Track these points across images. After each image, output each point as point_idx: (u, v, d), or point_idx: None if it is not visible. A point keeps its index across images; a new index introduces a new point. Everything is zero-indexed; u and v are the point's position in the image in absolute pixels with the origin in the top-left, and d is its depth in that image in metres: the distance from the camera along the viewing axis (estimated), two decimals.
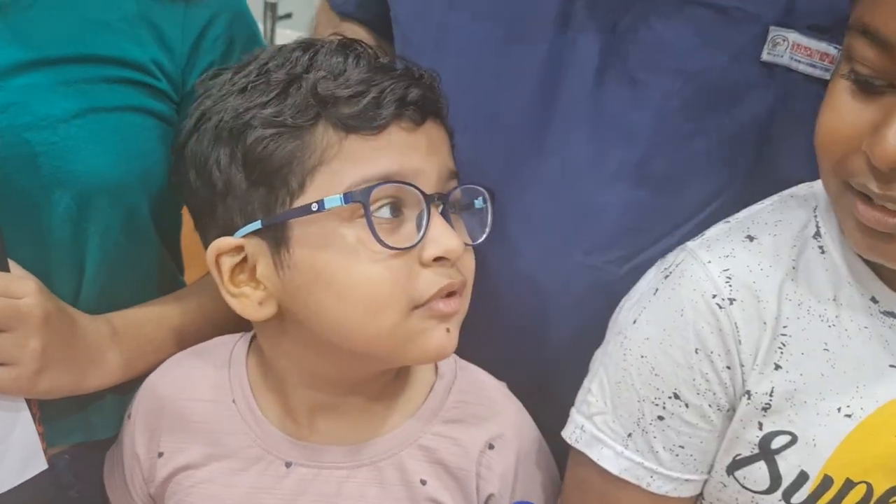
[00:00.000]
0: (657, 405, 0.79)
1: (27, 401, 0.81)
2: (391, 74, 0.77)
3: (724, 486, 0.79)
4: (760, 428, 0.77)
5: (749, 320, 0.76)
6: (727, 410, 0.78)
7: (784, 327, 0.76)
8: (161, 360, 0.90)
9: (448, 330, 0.77)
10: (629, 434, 0.80)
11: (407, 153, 0.75)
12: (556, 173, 0.90)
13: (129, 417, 0.88)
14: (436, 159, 0.77)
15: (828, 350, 0.76)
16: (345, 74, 0.76)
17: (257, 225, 0.76)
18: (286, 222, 0.75)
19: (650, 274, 0.85)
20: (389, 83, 0.75)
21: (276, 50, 0.80)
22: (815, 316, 0.76)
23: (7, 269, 0.79)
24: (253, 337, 0.87)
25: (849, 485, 0.74)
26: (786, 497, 0.76)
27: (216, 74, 0.81)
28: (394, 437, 0.82)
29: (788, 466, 0.76)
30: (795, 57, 0.86)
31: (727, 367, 0.77)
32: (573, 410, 0.84)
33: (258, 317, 0.78)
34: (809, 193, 0.82)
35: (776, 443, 0.76)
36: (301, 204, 0.74)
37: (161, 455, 0.84)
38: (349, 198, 0.73)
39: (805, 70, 0.86)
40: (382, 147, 0.75)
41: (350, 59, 0.77)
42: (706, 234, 0.83)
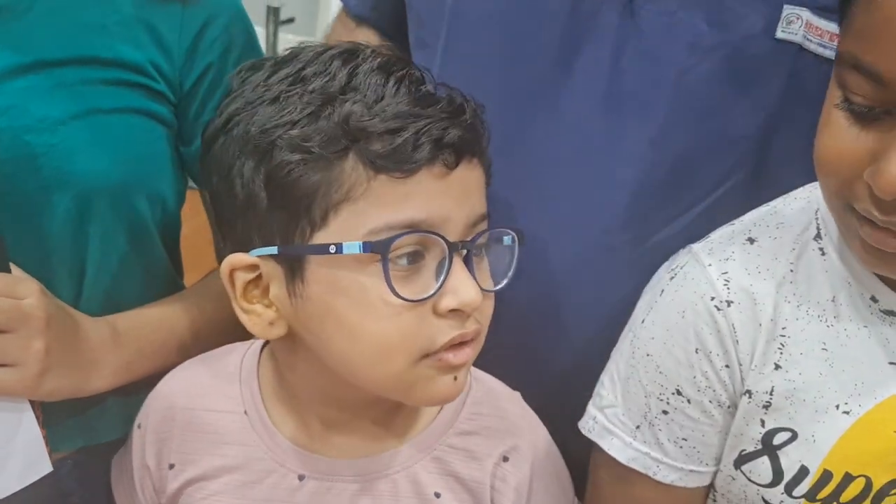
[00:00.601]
0: (662, 400, 0.82)
1: (31, 403, 0.80)
2: (431, 109, 0.72)
3: (733, 480, 0.82)
4: (763, 425, 0.79)
5: (746, 322, 0.78)
6: (728, 407, 0.80)
7: (783, 328, 0.78)
8: (163, 362, 0.90)
9: (455, 378, 0.75)
10: (637, 426, 0.83)
11: (437, 199, 0.71)
12: (572, 150, 0.90)
13: (139, 427, 0.86)
14: (466, 205, 0.73)
15: (826, 350, 0.77)
16: (381, 103, 0.71)
17: (273, 250, 0.73)
18: (303, 255, 0.72)
19: (660, 272, 0.86)
20: (426, 123, 0.71)
21: (317, 53, 0.75)
22: (814, 317, 0.77)
23: (8, 271, 0.78)
24: (263, 346, 0.86)
25: (848, 478, 0.76)
26: (787, 490, 0.78)
27: (253, 67, 0.77)
28: (407, 450, 0.81)
29: (789, 462, 0.78)
30: (808, 36, 0.84)
31: (726, 366, 0.79)
32: (589, 403, 0.87)
33: (267, 336, 0.77)
34: (812, 195, 0.82)
35: (777, 439, 0.78)
36: (321, 240, 0.71)
37: (172, 467, 0.83)
38: (368, 247, 0.70)
39: (816, 50, 0.85)
40: (411, 192, 0.70)
41: (391, 84, 0.72)
42: (710, 237, 0.84)
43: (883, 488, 0.76)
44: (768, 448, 0.78)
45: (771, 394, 0.78)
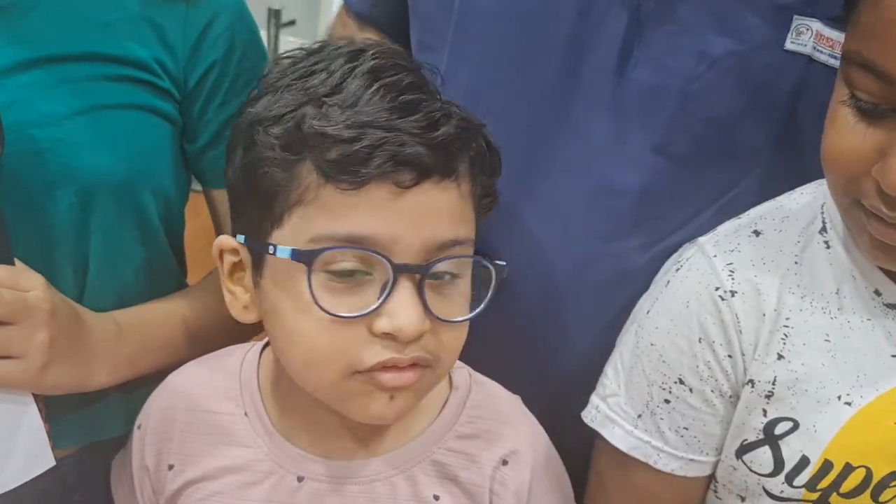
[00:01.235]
0: (664, 389, 0.82)
1: (34, 397, 0.79)
2: (400, 122, 0.68)
3: (734, 470, 0.82)
4: (765, 415, 0.79)
5: (749, 312, 0.78)
6: (729, 396, 0.81)
7: (786, 319, 0.78)
8: (166, 359, 0.89)
9: (392, 398, 0.72)
10: (639, 415, 0.84)
11: (384, 218, 0.68)
12: (577, 157, 0.90)
13: (139, 428, 0.86)
14: (425, 228, 0.69)
15: (829, 341, 0.77)
16: (354, 108, 0.69)
17: (241, 239, 0.75)
18: (256, 249, 0.73)
19: (667, 265, 0.87)
20: (386, 135, 0.68)
21: (334, 49, 0.74)
22: (818, 308, 0.78)
23: (13, 264, 0.78)
24: (263, 348, 0.86)
25: (848, 469, 0.77)
26: (788, 480, 0.79)
27: (293, 54, 0.76)
28: (406, 452, 0.80)
29: (790, 451, 0.78)
30: (818, 47, 0.84)
31: (728, 356, 0.79)
32: (593, 393, 0.88)
33: (242, 319, 0.78)
34: (819, 191, 0.82)
35: (779, 429, 0.79)
36: (275, 238, 0.71)
37: (171, 468, 0.83)
38: (296, 255, 0.69)
39: (826, 61, 0.85)
40: (358, 205, 0.68)
41: (372, 89, 0.70)
42: (717, 230, 0.84)
43: (883, 479, 0.77)
44: (770, 438, 0.79)
45: (773, 384, 0.78)
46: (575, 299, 0.92)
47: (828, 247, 0.79)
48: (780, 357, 0.78)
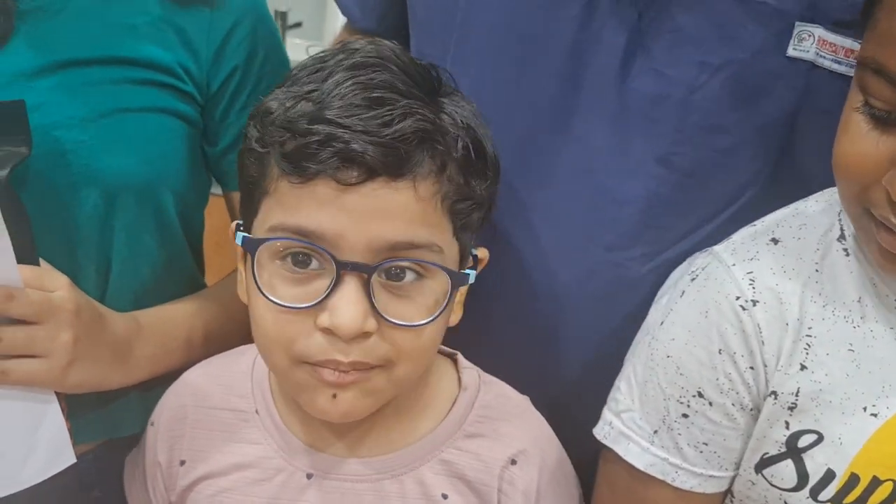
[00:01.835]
0: (682, 403, 0.80)
1: (56, 395, 0.81)
2: (355, 119, 0.68)
3: (753, 485, 0.80)
4: (787, 427, 0.77)
5: (771, 321, 0.77)
6: (750, 409, 0.79)
7: (809, 328, 0.77)
8: (186, 358, 0.91)
9: (335, 396, 0.72)
10: (655, 431, 0.81)
11: (329, 213, 0.69)
12: (578, 166, 0.89)
13: (153, 425, 0.87)
14: (372, 227, 0.69)
15: (853, 350, 0.76)
16: (320, 104, 0.70)
17: (233, 225, 0.78)
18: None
19: (675, 275, 0.85)
20: (335, 130, 0.68)
21: (340, 48, 0.76)
22: (840, 317, 0.76)
23: (37, 264, 0.79)
24: None
25: (875, 482, 0.75)
26: (813, 495, 0.76)
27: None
28: (416, 451, 0.81)
29: (815, 465, 0.76)
30: (821, 53, 0.84)
31: (750, 368, 0.77)
32: (605, 408, 0.85)
33: (242, 299, 0.79)
34: (834, 198, 0.81)
35: (803, 441, 0.77)
36: (253, 227, 0.74)
37: (183, 463, 0.84)
38: (244, 242, 0.73)
39: (830, 66, 0.84)
40: (305, 199, 0.69)
41: (345, 85, 0.70)
42: (732, 238, 0.83)
43: None
44: (793, 451, 0.77)
45: (797, 395, 0.76)
46: (576, 308, 0.91)
47: (847, 254, 0.78)
48: (803, 368, 0.76)
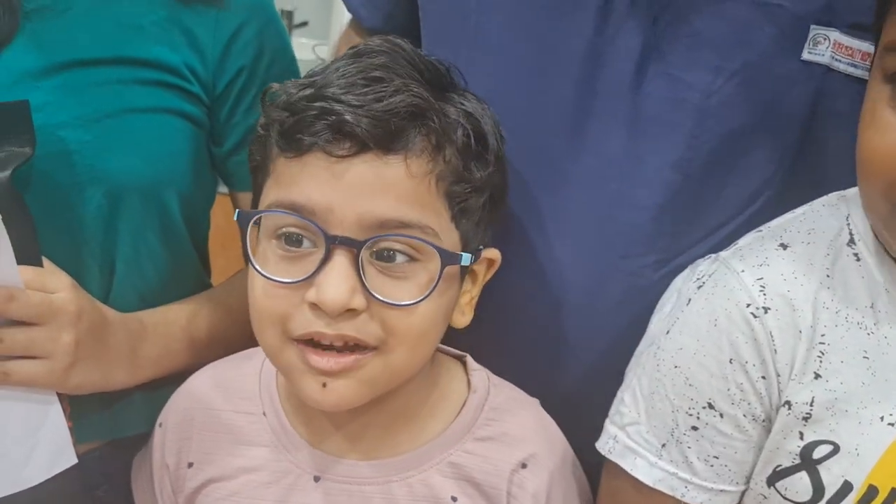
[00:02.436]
0: (691, 415, 0.77)
1: (58, 396, 0.81)
2: (350, 96, 0.70)
3: (765, 499, 0.77)
4: (801, 438, 0.75)
5: (784, 329, 0.75)
6: (762, 420, 0.76)
7: (822, 336, 0.74)
8: (190, 359, 0.91)
9: (325, 385, 0.72)
10: (663, 444, 0.79)
11: (320, 187, 0.70)
12: (592, 173, 0.88)
13: (160, 426, 0.87)
14: (362, 202, 0.70)
15: (868, 358, 0.74)
16: (318, 86, 0.72)
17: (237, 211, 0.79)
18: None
19: (677, 283, 0.83)
20: (328, 105, 0.69)
21: (352, 46, 0.77)
22: (854, 324, 0.74)
23: (40, 265, 0.79)
24: None
25: (894, 494, 0.72)
26: None
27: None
28: (424, 453, 0.80)
29: (831, 477, 0.74)
30: (836, 56, 0.84)
31: (762, 377, 0.75)
32: (607, 421, 0.83)
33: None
34: (841, 202, 0.80)
35: (818, 453, 0.74)
36: (259, 205, 0.75)
37: (191, 465, 0.84)
38: (238, 217, 0.74)
39: (846, 70, 0.84)
40: (298, 174, 0.71)
41: (346, 68, 0.72)
42: (738, 244, 0.81)
43: None
44: (807, 462, 0.74)
45: (811, 405, 0.74)
46: (588, 314, 0.89)
47: (858, 259, 0.76)
48: (818, 376, 0.74)
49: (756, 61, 0.84)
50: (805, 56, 0.84)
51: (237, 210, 0.75)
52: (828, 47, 0.83)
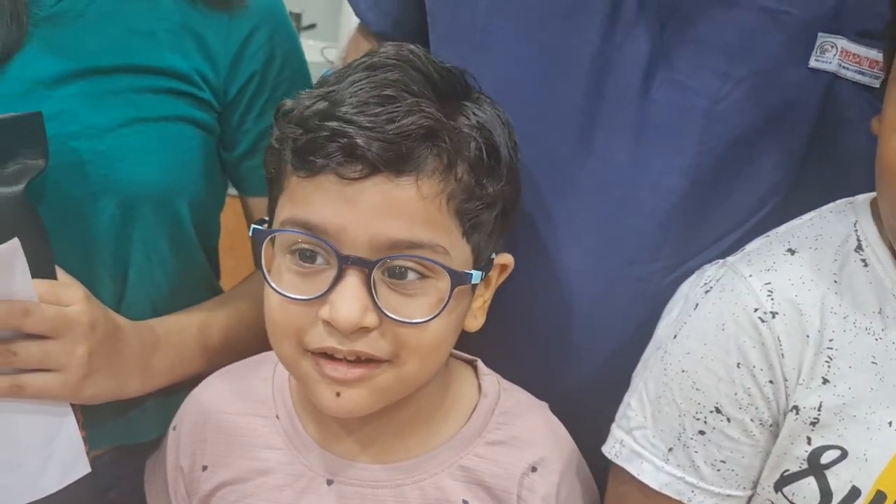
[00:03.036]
0: (698, 419, 0.77)
1: (71, 406, 0.82)
2: (363, 117, 0.69)
3: None
4: (809, 443, 0.75)
5: (792, 334, 0.75)
6: (770, 425, 0.76)
7: (830, 341, 0.74)
8: (202, 366, 0.91)
9: (338, 394, 0.73)
10: (670, 449, 0.79)
11: (333, 207, 0.70)
12: (600, 179, 0.88)
13: (174, 429, 0.88)
14: (375, 223, 0.70)
15: (876, 363, 0.74)
16: (332, 102, 0.71)
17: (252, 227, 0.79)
18: None
19: (685, 288, 0.83)
20: (340, 126, 0.69)
21: (366, 53, 0.77)
22: (862, 329, 0.74)
23: (54, 276, 0.79)
24: None
25: None
26: None
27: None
28: (436, 457, 0.81)
29: (839, 482, 0.74)
30: (844, 64, 0.84)
31: (770, 382, 0.75)
32: (613, 426, 0.83)
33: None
34: (849, 208, 0.80)
35: (826, 458, 0.74)
36: (274, 220, 0.76)
37: (205, 468, 0.84)
38: (253, 234, 0.75)
39: (853, 77, 0.84)
40: (311, 194, 0.71)
41: (358, 84, 0.72)
42: (746, 249, 0.81)
43: None
44: (815, 468, 0.74)
45: (819, 409, 0.74)
46: (596, 320, 0.89)
47: (865, 265, 0.76)
48: (826, 381, 0.74)
49: (764, 68, 0.84)
50: (812, 63, 0.84)
51: (252, 227, 0.76)
52: (835, 55, 0.83)
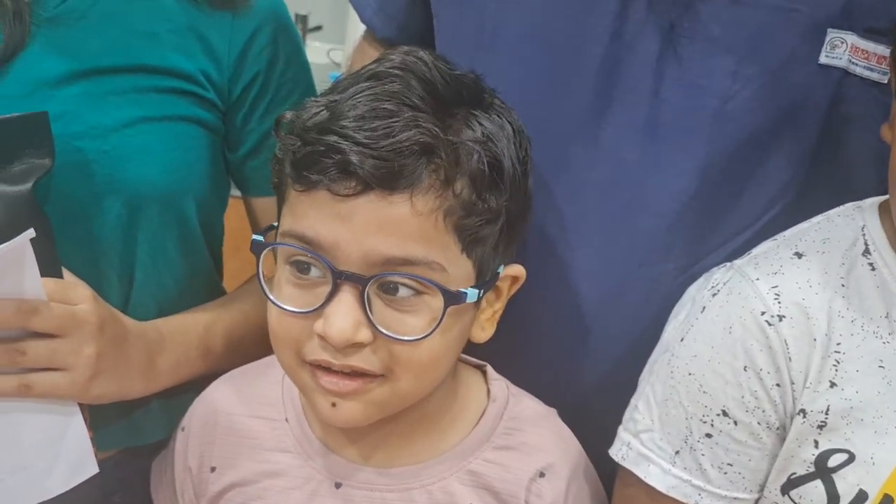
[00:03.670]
0: (705, 423, 0.78)
1: (79, 406, 0.81)
2: (360, 132, 0.69)
3: None
4: (816, 446, 0.75)
5: (799, 337, 0.75)
6: (777, 428, 0.76)
7: (837, 344, 0.75)
8: (208, 366, 0.91)
9: (334, 405, 0.74)
10: (677, 451, 0.79)
11: (327, 223, 0.70)
12: (610, 179, 0.88)
13: (183, 430, 0.88)
14: (367, 240, 0.70)
15: (883, 367, 0.74)
16: (333, 113, 0.71)
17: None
18: None
19: (692, 291, 0.83)
20: (336, 141, 0.69)
21: (377, 58, 0.77)
22: (869, 333, 0.74)
23: (61, 276, 0.79)
24: None
25: None
26: None
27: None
28: (444, 462, 0.81)
29: (846, 485, 0.74)
30: (854, 60, 0.83)
31: (777, 385, 0.75)
32: (620, 428, 0.83)
33: None
34: (857, 212, 0.80)
35: (833, 461, 0.74)
36: (277, 232, 0.76)
37: (213, 470, 0.84)
38: (252, 246, 0.75)
39: (862, 73, 0.84)
40: (308, 208, 0.71)
41: (359, 95, 0.71)
42: (753, 252, 0.81)
43: None
44: (822, 471, 0.74)
45: (826, 413, 0.74)
46: (607, 322, 0.89)
47: (873, 269, 0.76)
48: (833, 385, 0.74)
49: (773, 66, 0.84)
50: (822, 60, 0.83)
51: (253, 238, 0.76)
52: (845, 51, 0.83)
